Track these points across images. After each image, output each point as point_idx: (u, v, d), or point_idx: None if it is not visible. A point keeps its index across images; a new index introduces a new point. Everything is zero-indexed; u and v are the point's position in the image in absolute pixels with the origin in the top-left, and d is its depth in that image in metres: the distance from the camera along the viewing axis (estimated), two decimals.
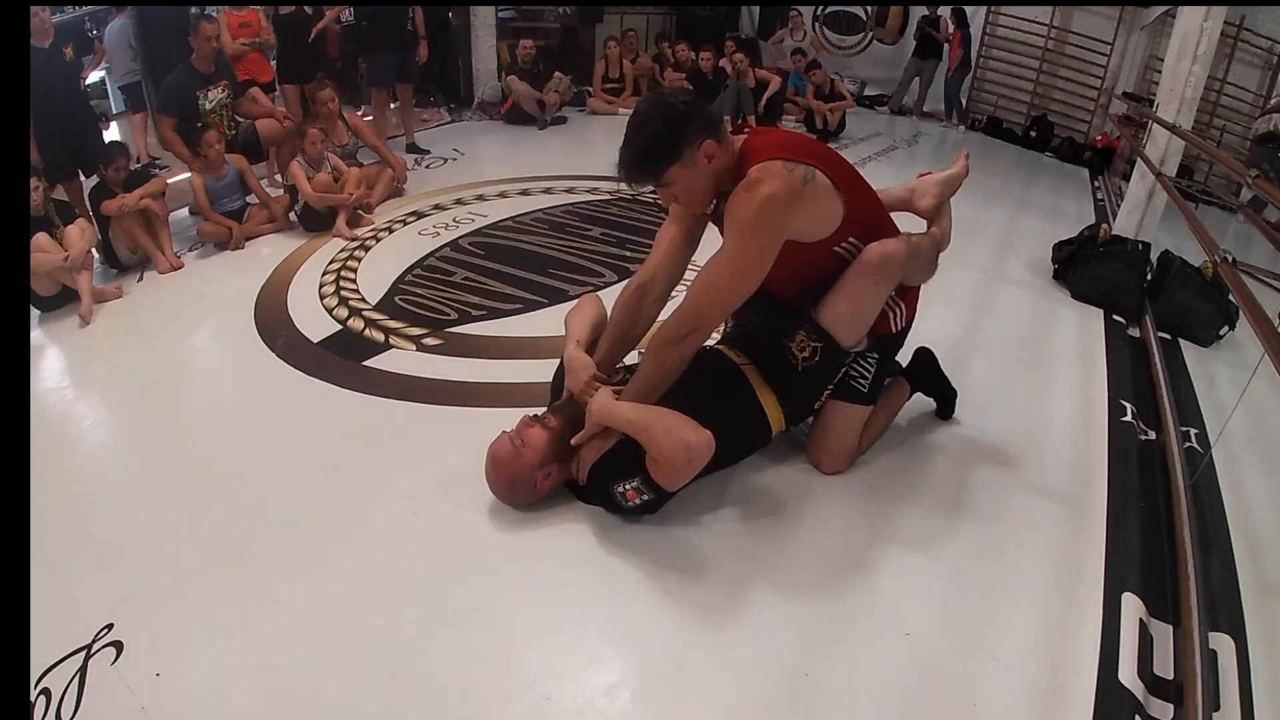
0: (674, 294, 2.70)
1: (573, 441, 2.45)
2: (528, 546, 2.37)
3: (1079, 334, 4.09)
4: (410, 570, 2.28)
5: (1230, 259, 2.69)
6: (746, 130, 2.54)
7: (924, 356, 3.12)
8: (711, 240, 2.48)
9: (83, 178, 4.86)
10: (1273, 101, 2.58)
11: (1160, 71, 5.39)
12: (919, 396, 3.12)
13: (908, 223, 2.69)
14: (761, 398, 2.51)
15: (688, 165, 2.27)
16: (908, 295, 2.68)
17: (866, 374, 2.68)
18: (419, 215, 5.43)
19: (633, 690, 1.92)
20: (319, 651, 2.01)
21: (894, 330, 2.68)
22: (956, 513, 2.63)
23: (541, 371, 2.91)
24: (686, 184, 2.33)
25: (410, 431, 2.97)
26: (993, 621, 2.18)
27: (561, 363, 2.71)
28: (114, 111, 8.01)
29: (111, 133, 6.99)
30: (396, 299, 4.09)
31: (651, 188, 2.38)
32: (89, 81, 7.04)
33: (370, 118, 6.91)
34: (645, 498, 2.33)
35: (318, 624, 2.09)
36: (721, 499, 2.58)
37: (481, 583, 2.24)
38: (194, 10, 5.40)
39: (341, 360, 3.48)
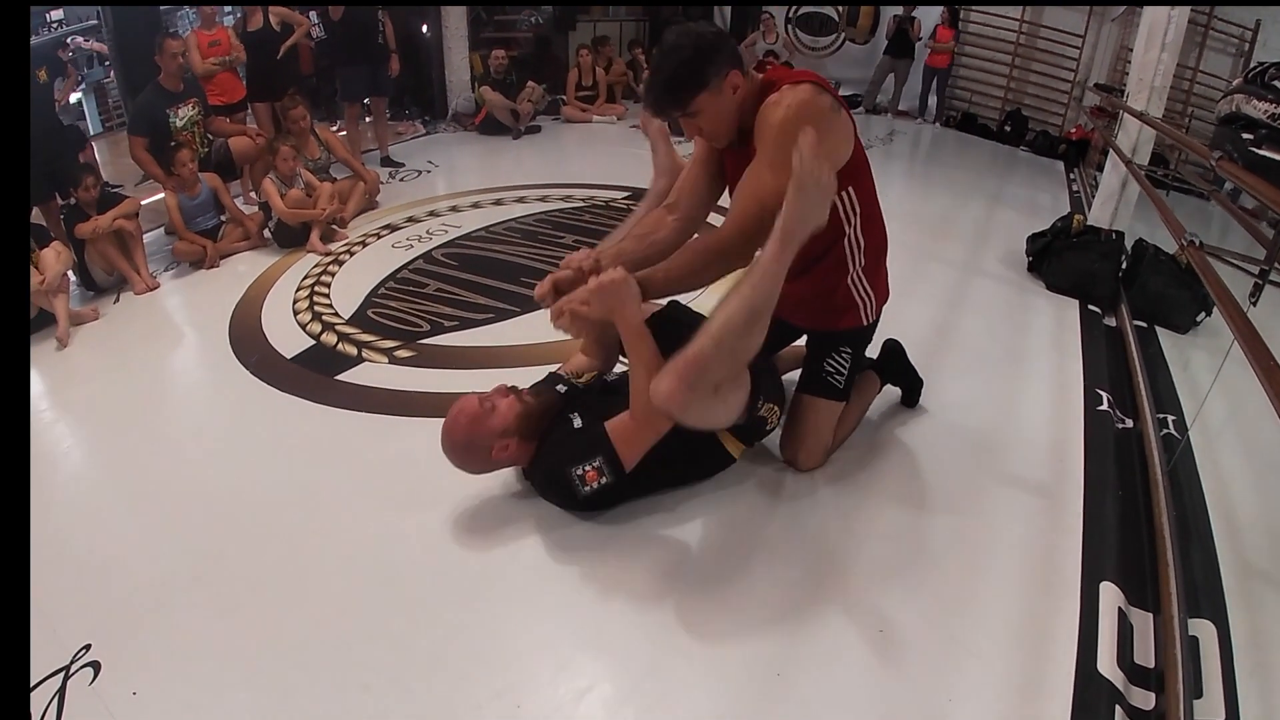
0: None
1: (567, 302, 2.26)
2: (497, 555, 2.35)
3: (1054, 325, 4.08)
4: (381, 582, 2.25)
5: (1198, 242, 2.69)
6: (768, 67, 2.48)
7: (892, 348, 3.13)
8: None
9: (60, 200, 4.82)
10: (1234, 83, 2.60)
11: (1131, 62, 5.39)
12: (890, 389, 3.12)
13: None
14: None
15: (715, 94, 2.22)
16: (877, 285, 2.64)
17: (842, 369, 2.66)
18: (393, 228, 5.42)
19: (603, 696, 1.90)
20: (293, 666, 1.99)
21: (865, 323, 2.65)
22: (931, 506, 2.61)
23: (512, 380, 2.89)
24: (712, 114, 2.27)
25: (381, 444, 2.95)
26: (968, 615, 2.16)
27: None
28: (91, 133, 8.01)
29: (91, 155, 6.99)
30: (369, 312, 4.07)
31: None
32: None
33: (344, 132, 6.90)
34: (604, 480, 2.29)
35: (292, 639, 2.07)
36: (692, 498, 2.56)
37: (452, 592, 2.21)
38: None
39: (314, 375, 3.45)
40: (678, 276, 2.31)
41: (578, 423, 2.36)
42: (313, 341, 3.78)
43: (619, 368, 3.15)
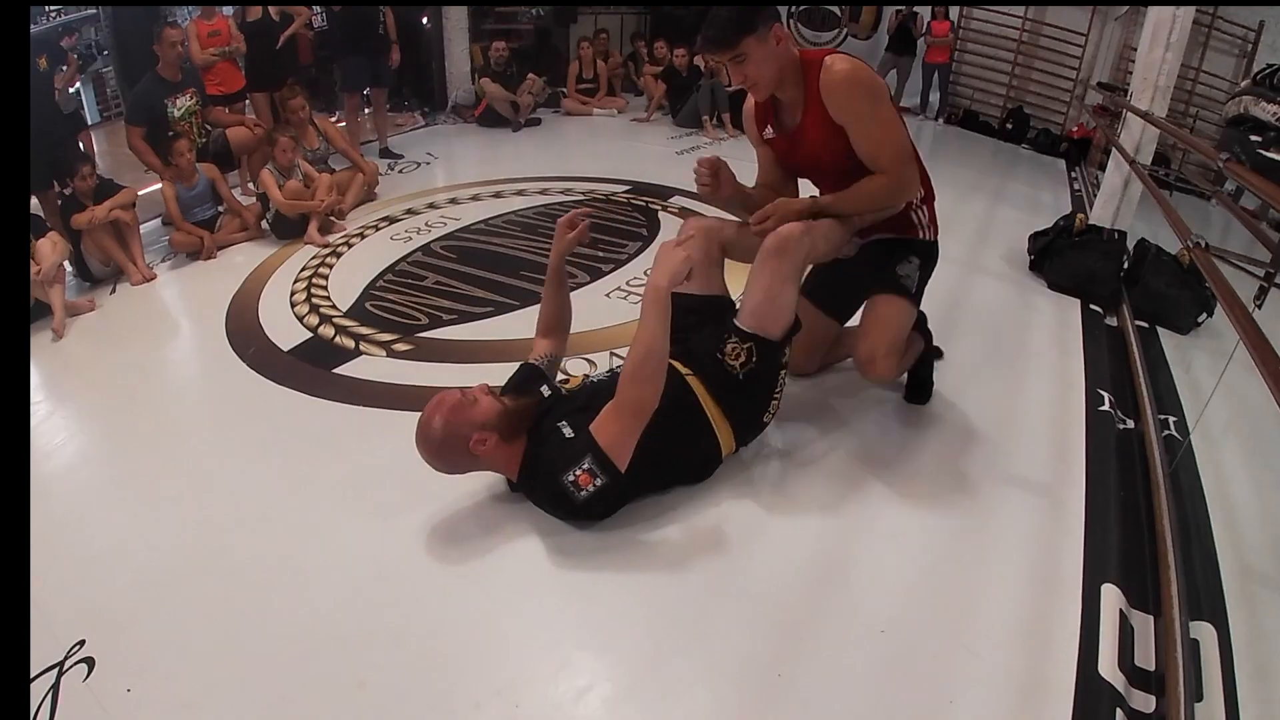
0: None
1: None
2: (496, 552, 2.33)
3: (1056, 324, 4.06)
4: (378, 578, 2.24)
5: (1203, 244, 2.67)
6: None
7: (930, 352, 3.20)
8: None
9: (57, 189, 4.80)
10: (1242, 85, 2.58)
11: (1134, 61, 5.37)
12: (894, 391, 3.12)
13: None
14: (709, 414, 2.48)
15: (762, 41, 2.40)
16: (930, 215, 2.87)
17: (912, 274, 2.80)
18: (391, 220, 5.40)
19: (603, 694, 1.89)
20: (288, 663, 1.97)
21: (923, 238, 2.85)
22: (932, 506, 2.59)
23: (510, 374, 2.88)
24: (759, 60, 2.43)
25: (378, 438, 2.92)
26: (969, 615, 2.14)
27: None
28: (89, 122, 7.96)
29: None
30: (367, 305, 4.05)
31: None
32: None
33: (343, 123, 6.87)
34: (599, 482, 2.21)
35: (287, 635, 2.06)
36: (691, 498, 2.54)
37: (449, 589, 2.20)
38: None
39: (311, 368, 3.44)
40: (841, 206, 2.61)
41: (568, 432, 2.32)
42: (310, 334, 3.76)
43: (600, 370, 3.15)
